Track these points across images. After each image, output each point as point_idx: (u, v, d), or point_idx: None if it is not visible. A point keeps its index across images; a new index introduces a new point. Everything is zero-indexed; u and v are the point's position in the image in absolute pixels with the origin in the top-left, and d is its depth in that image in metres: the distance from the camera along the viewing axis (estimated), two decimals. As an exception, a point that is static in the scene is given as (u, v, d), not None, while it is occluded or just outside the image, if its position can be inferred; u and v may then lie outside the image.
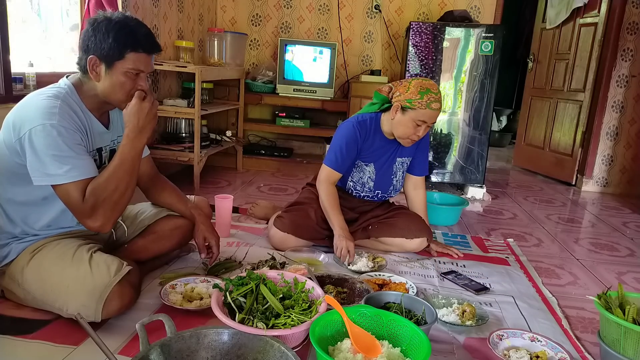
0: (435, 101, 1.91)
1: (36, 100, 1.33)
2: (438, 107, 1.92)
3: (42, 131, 1.27)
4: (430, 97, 1.90)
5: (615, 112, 3.85)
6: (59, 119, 1.30)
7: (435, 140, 3.44)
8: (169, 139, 3.15)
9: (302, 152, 4.19)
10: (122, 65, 1.35)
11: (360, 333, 1.23)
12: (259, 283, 1.35)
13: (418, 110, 1.91)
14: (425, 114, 1.91)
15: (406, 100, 1.93)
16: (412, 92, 1.92)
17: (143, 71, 1.39)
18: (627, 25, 3.70)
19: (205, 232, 1.72)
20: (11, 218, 1.42)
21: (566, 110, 4.16)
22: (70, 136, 1.31)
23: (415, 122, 1.93)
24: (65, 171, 1.29)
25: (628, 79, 3.77)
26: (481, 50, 3.25)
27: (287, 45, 3.78)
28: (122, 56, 1.34)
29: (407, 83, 1.96)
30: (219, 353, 1.13)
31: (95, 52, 1.34)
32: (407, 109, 1.93)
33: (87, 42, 1.35)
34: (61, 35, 2.46)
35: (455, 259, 2.17)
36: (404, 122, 1.96)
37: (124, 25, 1.35)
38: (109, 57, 1.34)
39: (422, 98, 1.90)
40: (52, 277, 1.35)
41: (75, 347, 1.28)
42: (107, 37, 1.33)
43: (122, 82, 1.37)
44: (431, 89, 1.92)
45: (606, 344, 1.34)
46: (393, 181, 2.19)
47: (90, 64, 1.35)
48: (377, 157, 2.12)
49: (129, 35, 1.35)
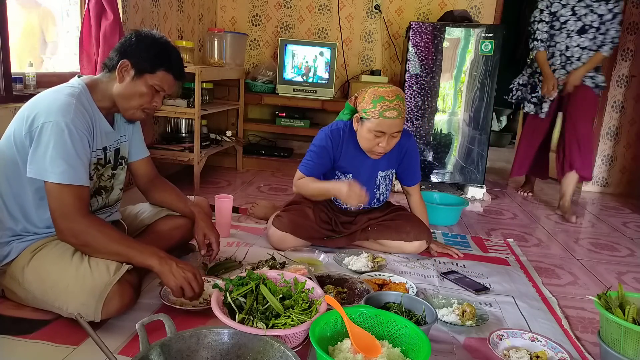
0: (389, 109, 1.80)
1: (54, 97, 1.38)
2: (394, 115, 1.81)
3: (54, 127, 1.31)
4: (383, 106, 1.80)
5: (615, 112, 3.85)
6: (73, 117, 1.34)
7: (435, 140, 3.44)
8: (169, 139, 3.15)
9: (302, 152, 4.19)
10: (150, 78, 1.46)
11: (360, 333, 1.23)
12: (259, 283, 1.35)
13: (372, 120, 1.83)
14: (380, 123, 1.82)
15: (362, 111, 1.87)
16: (366, 101, 1.85)
17: (165, 91, 1.50)
18: (627, 25, 3.70)
19: (205, 229, 1.72)
20: (13, 214, 1.43)
21: (566, 110, 4.15)
22: (79, 138, 1.35)
23: (373, 132, 1.85)
24: (61, 171, 1.31)
25: (628, 79, 3.77)
26: (481, 50, 3.25)
27: (287, 45, 3.78)
28: (154, 71, 1.45)
29: (364, 92, 1.89)
30: (219, 353, 1.13)
31: (131, 58, 1.44)
32: (363, 120, 1.87)
33: (127, 47, 1.45)
34: (61, 35, 2.46)
35: (455, 259, 2.17)
36: (363, 133, 1.89)
37: (166, 47, 1.49)
38: (141, 67, 1.45)
39: (374, 107, 1.82)
40: (52, 276, 1.35)
41: (75, 347, 1.28)
42: (149, 50, 1.45)
43: (142, 92, 1.46)
44: (385, 96, 1.81)
45: (606, 344, 1.34)
46: (376, 194, 2.15)
47: (121, 65, 1.44)
48: (355, 168, 2.05)
49: (168, 56, 1.48)
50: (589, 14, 2.90)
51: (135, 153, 1.71)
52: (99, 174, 1.52)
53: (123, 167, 1.64)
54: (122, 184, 1.66)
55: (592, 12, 2.90)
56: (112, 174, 1.58)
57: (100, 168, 1.52)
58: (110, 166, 1.57)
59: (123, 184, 1.66)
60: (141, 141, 1.73)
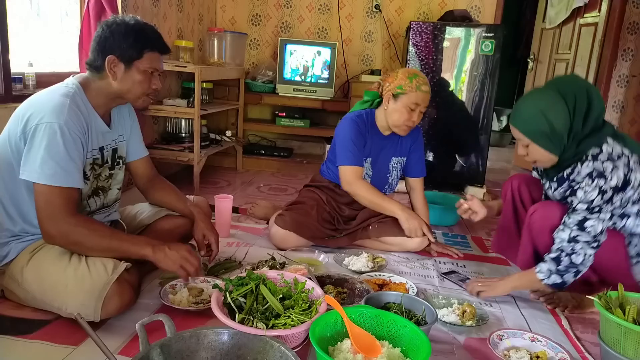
0: (424, 84, 2.00)
1: (49, 97, 1.37)
2: (427, 89, 2.01)
3: (48, 129, 1.31)
4: (419, 81, 1.99)
5: (615, 112, 3.85)
6: (66, 118, 1.33)
7: (436, 140, 3.43)
8: (169, 139, 3.15)
9: (302, 152, 4.19)
10: (140, 64, 1.45)
11: (360, 333, 1.23)
12: (259, 283, 1.34)
13: (409, 94, 1.99)
14: (418, 96, 1.99)
15: (397, 87, 2.01)
16: (400, 78, 2.02)
17: (157, 70, 1.49)
18: (628, 25, 3.70)
19: (205, 229, 1.72)
20: (11, 215, 1.43)
21: (566, 110, 4.15)
22: (72, 139, 1.34)
23: (408, 106, 2.00)
24: (52, 173, 1.31)
25: (628, 79, 3.76)
26: (481, 50, 3.25)
27: (287, 44, 3.78)
28: (140, 55, 1.44)
29: (395, 73, 2.06)
30: (219, 353, 1.13)
31: (114, 52, 1.41)
32: (398, 96, 2.01)
33: (104, 43, 1.42)
34: (61, 35, 2.46)
35: (455, 259, 2.17)
36: (398, 108, 2.02)
37: (141, 27, 1.46)
38: (128, 57, 1.43)
39: (411, 82, 1.99)
40: (51, 276, 1.35)
41: (75, 347, 1.28)
42: (127, 37, 1.42)
43: (140, 80, 1.46)
44: (418, 73, 2.03)
45: (606, 344, 1.33)
46: (389, 179, 2.23)
47: (109, 63, 1.42)
48: (375, 154, 2.15)
49: (146, 36, 1.46)
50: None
51: (134, 152, 1.71)
52: (95, 174, 1.51)
53: (121, 167, 1.64)
54: (120, 184, 1.65)
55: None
56: (109, 174, 1.58)
57: (97, 168, 1.52)
58: (107, 166, 1.56)
59: (121, 184, 1.66)
60: (140, 140, 1.73)
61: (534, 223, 1.64)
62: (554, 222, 1.56)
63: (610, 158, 1.45)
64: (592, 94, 1.48)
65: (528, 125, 1.51)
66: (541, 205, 1.64)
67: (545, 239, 1.60)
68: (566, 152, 1.51)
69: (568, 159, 1.53)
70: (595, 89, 1.52)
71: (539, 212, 1.63)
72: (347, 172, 2.06)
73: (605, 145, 1.48)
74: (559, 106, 1.46)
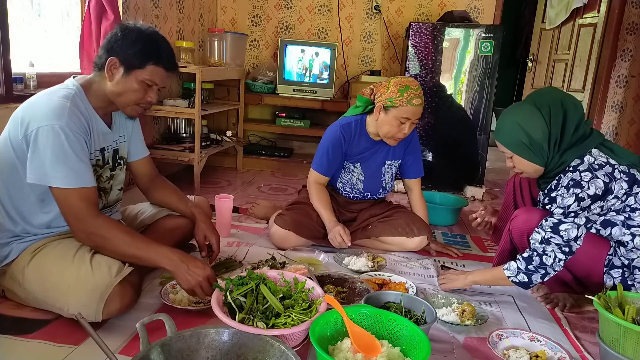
0: (415, 97, 1.93)
1: (48, 100, 1.36)
2: (419, 102, 1.95)
3: (50, 131, 1.30)
4: (410, 94, 1.93)
5: (614, 113, 3.85)
6: (67, 120, 1.32)
7: (435, 140, 3.44)
8: (170, 139, 3.16)
9: (302, 152, 4.19)
10: (140, 74, 1.41)
11: (360, 332, 1.24)
12: (259, 283, 1.35)
13: (400, 108, 1.94)
14: (407, 110, 1.93)
15: (387, 100, 1.96)
16: (392, 91, 1.96)
17: (157, 85, 1.45)
18: (627, 26, 3.70)
19: (206, 230, 1.72)
20: (11, 216, 1.43)
21: (566, 111, 4.16)
22: (76, 140, 1.34)
23: (398, 119, 1.96)
24: (63, 175, 1.31)
25: (627, 79, 3.77)
26: (481, 51, 3.25)
27: (287, 45, 3.78)
28: (142, 66, 1.40)
29: (387, 83, 2.01)
30: (219, 352, 1.13)
31: (118, 55, 1.40)
32: (389, 108, 1.96)
33: (113, 44, 1.41)
34: (61, 35, 2.46)
35: (455, 258, 2.18)
36: (388, 121, 1.99)
37: (153, 39, 1.43)
38: (130, 63, 1.40)
39: (402, 95, 1.93)
40: (53, 277, 1.35)
41: (75, 347, 1.28)
42: (134, 45, 1.39)
43: (135, 89, 1.43)
44: (410, 85, 1.95)
45: (606, 344, 1.34)
46: (382, 183, 2.21)
47: (109, 64, 1.40)
48: (364, 159, 2.14)
49: (156, 49, 1.42)
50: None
51: (135, 153, 1.71)
52: (97, 175, 1.51)
53: (122, 167, 1.64)
54: (121, 185, 1.65)
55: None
56: (110, 175, 1.58)
57: (99, 169, 1.52)
58: (108, 167, 1.56)
59: (122, 184, 1.66)
60: (141, 141, 1.73)
61: (515, 227, 1.68)
62: (534, 227, 1.59)
63: (590, 168, 1.48)
64: (566, 103, 1.53)
65: (508, 138, 1.58)
66: (524, 211, 1.69)
67: (525, 243, 1.65)
68: (550, 162, 1.56)
69: (553, 169, 1.57)
70: (572, 98, 1.58)
71: (520, 217, 1.67)
72: (311, 176, 2.16)
73: (588, 156, 1.52)
74: (535, 117, 1.52)
